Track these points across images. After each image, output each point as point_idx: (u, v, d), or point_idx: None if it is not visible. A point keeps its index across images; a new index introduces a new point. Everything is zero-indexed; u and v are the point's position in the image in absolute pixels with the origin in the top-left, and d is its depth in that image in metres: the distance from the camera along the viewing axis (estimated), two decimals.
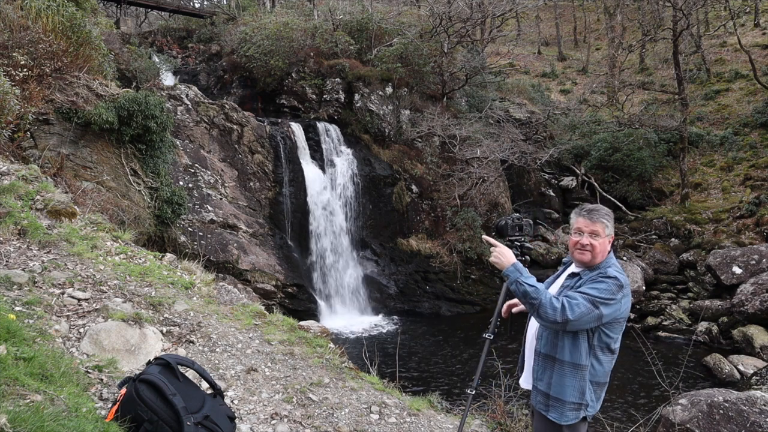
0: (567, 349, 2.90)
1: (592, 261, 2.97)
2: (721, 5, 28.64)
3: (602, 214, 2.99)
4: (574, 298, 2.79)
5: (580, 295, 2.80)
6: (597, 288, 2.82)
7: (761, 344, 12.40)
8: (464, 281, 17.71)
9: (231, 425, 3.29)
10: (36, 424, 2.47)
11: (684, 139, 19.78)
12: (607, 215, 3.00)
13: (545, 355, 2.99)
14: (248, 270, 14.33)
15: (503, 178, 19.96)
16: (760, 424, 4.95)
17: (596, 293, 2.79)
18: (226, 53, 22.33)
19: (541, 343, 3.02)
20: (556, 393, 2.93)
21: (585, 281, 2.91)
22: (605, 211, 3.01)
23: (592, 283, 2.86)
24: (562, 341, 2.91)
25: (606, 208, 3.06)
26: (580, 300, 2.77)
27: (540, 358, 3.02)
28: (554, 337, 2.95)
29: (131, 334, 4.29)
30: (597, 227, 2.95)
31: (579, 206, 3.14)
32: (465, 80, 22.07)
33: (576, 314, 2.74)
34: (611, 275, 2.86)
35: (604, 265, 2.96)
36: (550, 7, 42.39)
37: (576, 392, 2.91)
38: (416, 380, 11.09)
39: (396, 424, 4.24)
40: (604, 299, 2.79)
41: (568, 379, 2.90)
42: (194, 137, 15.82)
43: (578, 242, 2.98)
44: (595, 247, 2.94)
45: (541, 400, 3.01)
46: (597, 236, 2.95)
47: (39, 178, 7.15)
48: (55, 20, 9.76)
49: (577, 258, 3.01)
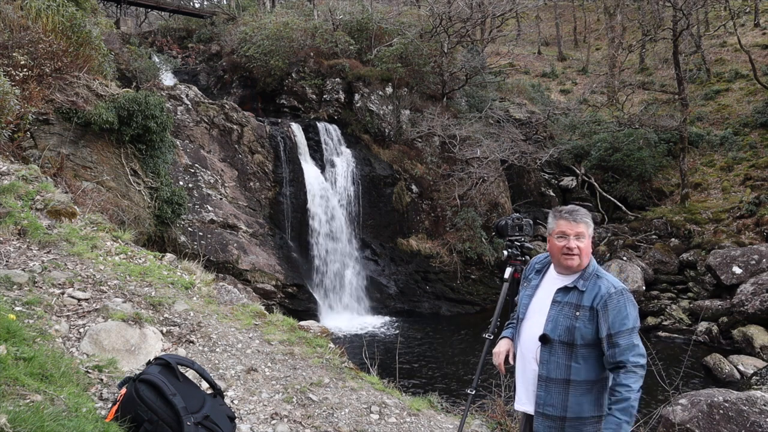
0: (583, 370, 2.75)
1: (579, 266, 2.80)
2: (721, 5, 28.62)
3: (583, 213, 2.82)
4: (629, 358, 2.65)
5: (625, 338, 2.68)
6: (626, 318, 2.70)
7: (761, 344, 12.40)
8: (464, 281, 17.70)
9: (231, 425, 3.29)
10: (36, 424, 2.47)
11: (684, 139, 19.78)
12: (587, 215, 2.85)
13: (554, 380, 2.78)
14: (248, 270, 14.33)
15: (503, 178, 19.95)
16: (760, 424, 4.95)
17: (631, 324, 2.70)
18: (226, 53, 22.33)
19: (548, 368, 2.80)
20: (574, 413, 2.76)
21: (601, 303, 2.73)
22: (584, 211, 2.85)
23: (617, 312, 2.70)
24: (577, 363, 2.75)
25: (583, 208, 2.94)
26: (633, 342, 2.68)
27: (547, 384, 2.80)
28: (566, 359, 2.76)
29: (131, 334, 4.29)
30: (581, 228, 2.79)
31: (554, 209, 2.95)
32: (465, 80, 22.06)
33: (644, 352, 2.70)
34: (617, 288, 2.74)
35: (592, 270, 2.82)
36: (550, 7, 42.38)
37: (594, 406, 2.77)
38: (416, 380, 11.09)
39: (396, 424, 4.24)
40: (637, 322, 2.74)
41: (585, 397, 2.75)
42: (194, 137, 15.82)
43: (565, 246, 2.79)
44: (582, 250, 2.77)
45: (552, 425, 2.80)
46: (582, 238, 2.78)
47: (39, 178, 7.15)
48: (55, 20, 9.76)
49: (565, 264, 2.81)
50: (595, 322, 2.72)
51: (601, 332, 2.70)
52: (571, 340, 2.74)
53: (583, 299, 2.75)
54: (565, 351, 2.76)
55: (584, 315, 2.73)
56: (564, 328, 2.77)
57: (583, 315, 2.73)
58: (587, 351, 2.75)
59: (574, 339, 2.74)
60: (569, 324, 2.75)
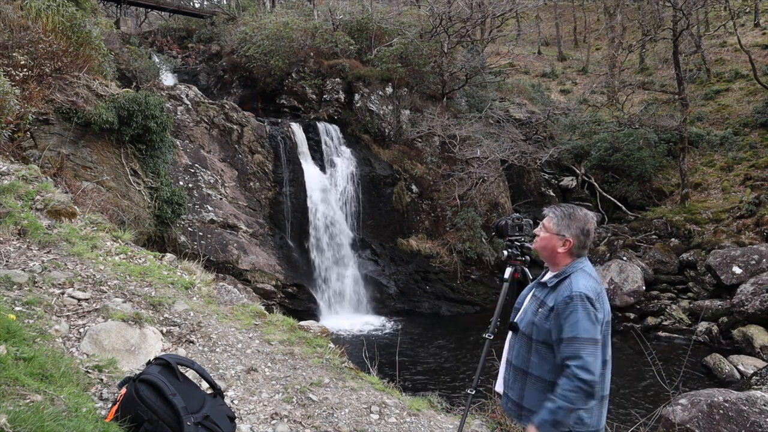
0: (538, 366, 2.77)
1: (540, 253, 2.95)
2: (721, 5, 28.62)
3: (552, 209, 2.91)
4: (569, 364, 2.55)
5: (569, 346, 2.57)
6: (574, 326, 2.59)
7: (761, 344, 12.40)
8: (464, 281, 17.70)
9: (231, 425, 3.29)
10: (36, 424, 2.47)
11: (684, 139, 19.78)
12: (555, 211, 2.87)
13: (515, 367, 2.89)
14: (248, 270, 14.33)
15: (503, 178, 19.95)
16: (760, 424, 4.95)
17: (578, 332, 2.57)
18: (226, 53, 22.33)
19: (512, 354, 2.93)
20: (529, 405, 2.79)
21: (558, 305, 2.69)
22: (561, 210, 2.87)
23: (566, 317, 2.63)
24: (534, 357, 2.79)
25: (571, 208, 2.88)
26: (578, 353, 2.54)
27: (511, 368, 2.93)
28: (526, 351, 2.83)
29: (131, 334, 4.29)
30: (544, 220, 2.91)
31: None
32: (465, 80, 22.06)
33: (592, 368, 2.52)
34: (573, 292, 2.65)
35: (568, 271, 2.80)
36: (550, 7, 42.38)
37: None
38: (416, 380, 11.09)
39: (396, 424, 4.23)
40: (588, 334, 2.57)
41: (541, 395, 2.72)
42: (194, 137, 15.82)
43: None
44: (539, 240, 2.90)
45: (512, 407, 2.92)
46: (542, 229, 2.91)
47: (39, 178, 7.15)
48: (55, 20, 9.76)
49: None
50: (550, 323, 2.74)
51: (553, 334, 2.70)
52: (530, 333, 2.84)
53: (548, 298, 2.81)
54: (526, 343, 2.86)
55: (543, 313, 2.79)
56: (528, 321, 2.88)
57: (542, 313, 2.80)
58: (544, 350, 2.77)
59: (531, 333, 2.83)
60: (531, 318, 2.86)
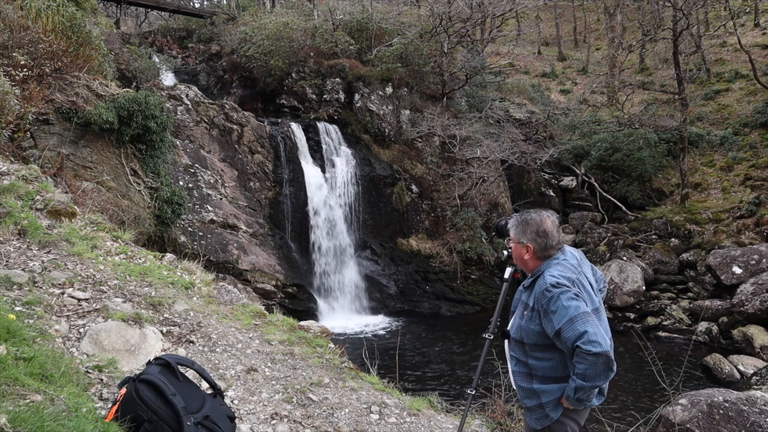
0: (537, 366, 2.86)
1: (516, 263, 3.06)
2: (721, 5, 28.61)
3: (513, 217, 3.04)
4: (577, 344, 2.56)
5: (568, 330, 2.59)
6: (562, 311, 2.62)
7: (761, 344, 12.40)
8: (464, 281, 17.70)
9: (231, 425, 3.29)
10: (36, 424, 2.47)
11: (684, 139, 19.78)
12: (513, 220, 3.01)
13: (520, 372, 2.99)
14: (248, 270, 14.33)
15: (503, 178, 19.95)
16: (760, 424, 4.95)
17: (572, 313, 2.60)
18: (226, 53, 22.33)
19: (513, 363, 3.05)
20: (545, 400, 2.91)
21: (537, 302, 2.76)
22: (516, 218, 2.99)
23: (551, 308, 2.67)
24: (530, 359, 2.89)
25: (526, 214, 2.97)
26: (579, 330, 2.56)
27: (518, 375, 3.03)
28: (523, 356, 2.93)
29: (131, 334, 4.29)
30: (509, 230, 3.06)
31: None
32: (465, 80, 22.06)
33: (599, 339, 2.53)
34: (545, 285, 2.70)
35: (539, 269, 2.86)
36: (550, 7, 42.38)
37: (532, 395, 2.88)
38: (416, 380, 11.09)
39: (396, 424, 4.23)
40: (579, 310, 2.60)
41: (553, 385, 2.83)
42: (194, 137, 15.82)
43: None
44: (512, 250, 3.02)
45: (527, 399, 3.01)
46: (510, 240, 3.04)
47: (39, 178, 7.15)
48: (55, 20, 9.77)
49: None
50: (535, 323, 2.78)
51: (550, 332, 2.71)
52: (521, 338, 2.88)
53: (529, 299, 2.86)
54: (521, 348, 2.91)
55: (528, 315, 2.84)
56: (517, 326, 2.92)
57: (527, 315, 2.84)
58: (538, 352, 2.81)
59: (522, 338, 2.87)
60: (519, 323, 2.91)
